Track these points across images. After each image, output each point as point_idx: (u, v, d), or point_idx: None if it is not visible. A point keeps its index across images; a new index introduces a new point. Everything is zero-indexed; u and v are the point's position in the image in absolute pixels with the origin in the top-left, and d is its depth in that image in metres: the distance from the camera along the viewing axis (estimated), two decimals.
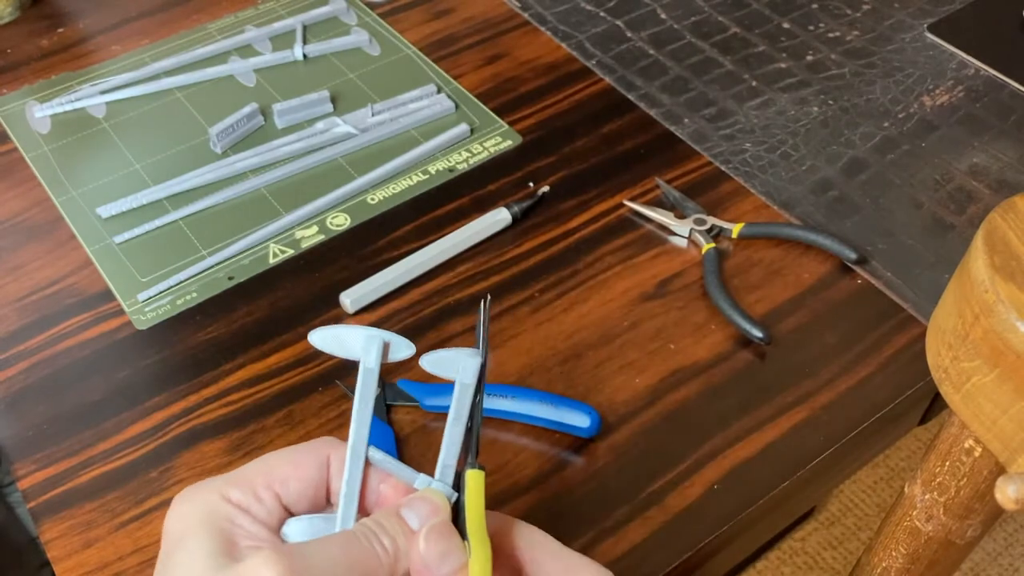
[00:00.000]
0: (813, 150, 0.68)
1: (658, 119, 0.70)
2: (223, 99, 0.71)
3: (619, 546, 0.48)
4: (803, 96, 0.72)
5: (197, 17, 0.78)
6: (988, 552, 1.33)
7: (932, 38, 0.76)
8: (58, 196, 0.64)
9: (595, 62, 0.74)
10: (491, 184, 0.65)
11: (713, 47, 0.76)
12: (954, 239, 0.62)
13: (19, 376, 0.55)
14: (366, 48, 0.75)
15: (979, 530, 0.43)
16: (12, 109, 0.70)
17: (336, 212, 0.63)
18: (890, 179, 0.66)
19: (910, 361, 0.56)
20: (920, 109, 0.71)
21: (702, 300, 0.58)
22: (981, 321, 0.34)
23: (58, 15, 0.78)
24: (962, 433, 0.40)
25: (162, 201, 0.64)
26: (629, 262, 0.60)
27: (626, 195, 0.64)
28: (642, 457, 0.51)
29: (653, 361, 0.55)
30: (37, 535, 0.49)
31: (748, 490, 0.50)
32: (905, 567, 0.47)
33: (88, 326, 0.57)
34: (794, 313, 0.58)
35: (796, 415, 0.53)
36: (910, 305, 0.58)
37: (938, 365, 0.38)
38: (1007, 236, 0.34)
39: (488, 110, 0.70)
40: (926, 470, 0.43)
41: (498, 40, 0.76)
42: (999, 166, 0.67)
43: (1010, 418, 0.34)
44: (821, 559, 1.31)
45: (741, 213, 0.63)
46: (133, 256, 0.60)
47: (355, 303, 0.57)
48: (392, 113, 0.69)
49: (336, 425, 0.52)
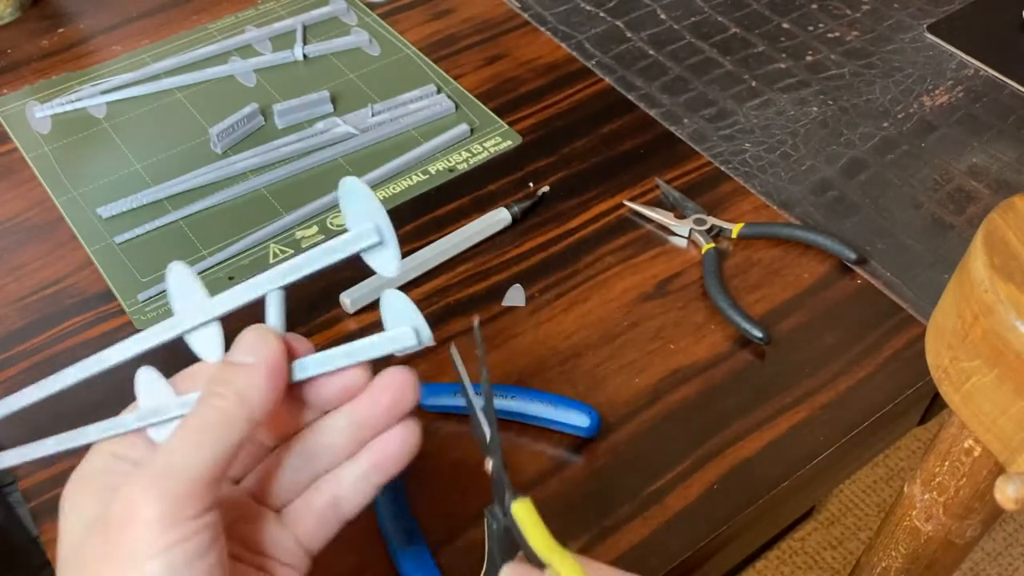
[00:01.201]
0: (813, 150, 0.68)
1: (658, 119, 0.70)
2: (223, 99, 0.71)
3: (619, 546, 0.48)
4: (803, 96, 0.72)
5: (197, 17, 0.78)
6: (988, 552, 1.33)
7: (932, 38, 0.76)
8: (58, 196, 0.64)
9: (595, 62, 0.74)
10: (491, 184, 0.65)
11: (713, 47, 0.76)
12: (953, 239, 0.62)
13: (19, 376, 0.55)
14: (366, 48, 0.75)
15: (979, 530, 0.43)
16: (12, 109, 0.70)
17: (336, 212, 0.63)
18: (890, 179, 0.66)
19: (909, 361, 0.56)
20: (920, 109, 0.71)
21: (702, 300, 0.58)
22: (980, 321, 0.34)
23: (58, 15, 0.78)
24: (961, 433, 0.40)
25: (162, 201, 0.64)
26: (629, 262, 0.61)
27: (626, 195, 0.64)
28: (642, 457, 0.51)
29: (653, 361, 0.55)
30: (37, 535, 0.49)
31: (748, 490, 0.50)
32: (905, 567, 0.47)
33: (88, 326, 0.57)
34: (793, 313, 0.58)
35: (796, 415, 0.53)
36: (909, 305, 0.58)
37: (937, 365, 0.38)
38: (1007, 236, 0.35)
39: (488, 110, 0.70)
40: (926, 470, 0.43)
41: (498, 40, 0.76)
42: (999, 166, 0.67)
43: (1009, 418, 0.35)
44: (821, 559, 1.31)
45: (741, 213, 0.63)
46: (133, 256, 0.60)
47: (355, 303, 0.57)
48: (392, 113, 0.69)
49: None
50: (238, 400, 0.33)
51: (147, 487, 0.31)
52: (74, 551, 0.32)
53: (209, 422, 0.33)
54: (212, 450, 0.32)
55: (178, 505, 0.31)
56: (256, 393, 0.33)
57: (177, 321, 0.35)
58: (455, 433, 0.52)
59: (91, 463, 0.35)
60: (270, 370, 0.34)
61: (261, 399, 0.33)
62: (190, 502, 0.31)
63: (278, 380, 0.34)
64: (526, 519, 0.33)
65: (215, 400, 0.33)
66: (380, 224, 0.34)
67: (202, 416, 0.33)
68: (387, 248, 0.34)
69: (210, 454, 0.32)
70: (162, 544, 0.30)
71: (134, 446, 0.35)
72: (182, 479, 0.31)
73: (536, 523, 0.33)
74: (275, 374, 0.34)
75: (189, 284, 0.35)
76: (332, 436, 0.36)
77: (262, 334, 0.35)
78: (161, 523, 0.30)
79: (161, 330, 0.36)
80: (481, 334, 0.35)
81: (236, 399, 0.33)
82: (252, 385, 0.33)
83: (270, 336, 0.35)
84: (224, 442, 0.32)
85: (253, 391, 0.33)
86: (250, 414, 0.33)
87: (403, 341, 0.34)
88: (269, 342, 0.34)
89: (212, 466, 0.32)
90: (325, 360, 0.35)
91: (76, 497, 0.34)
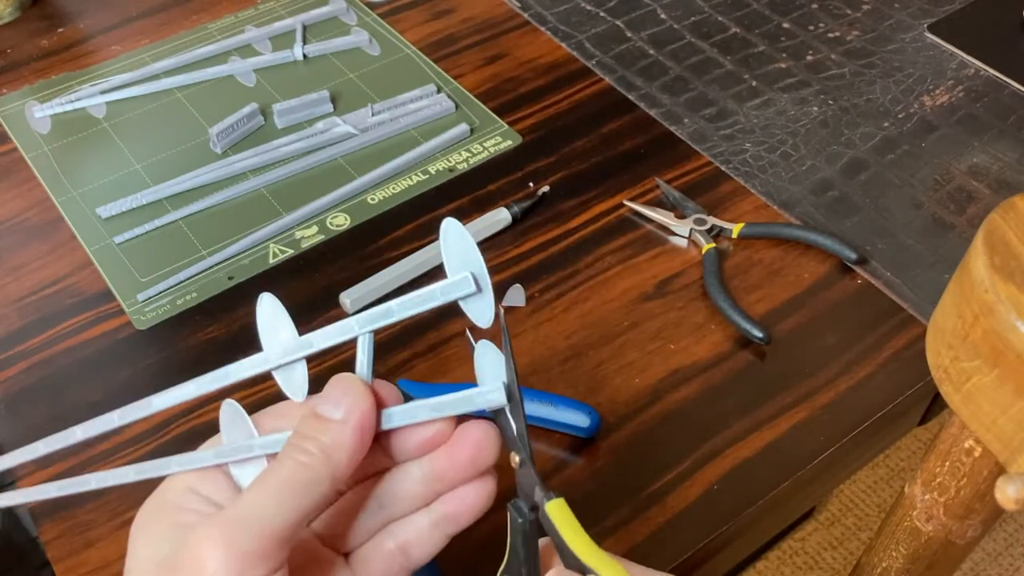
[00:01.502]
0: (813, 150, 0.68)
1: (658, 119, 0.70)
2: (223, 99, 0.71)
3: (619, 546, 0.48)
4: (803, 96, 0.72)
5: (197, 17, 0.78)
6: (988, 552, 1.33)
7: (932, 38, 0.76)
8: (58, 196, 0.64)
9: (595, 62, 0.74)
10: (491, 184, 0.65)
11: (713, 47, 0.76)
12: (954, 239, 0.62)
13: (19, 376, 0.55)
14: (366, 48, 0.75)
15: (979, 530, 0.43)
16: (12, 109, 0.70)
17: (336, 212, 0.63)
18: (890, 179, 0.66)
19: (910, 361, 0.56)
20: (920, 109, 0.71)
21: (702, 300, 0.58)
22: (981, 321, 0.34)
23: (58, 15, 0.78)
24: (962, 433, 0.40)
25: (162, 201, 0.64)
26: (629, 262, 0.60)
27: (626, 195, 0.64)
28: (642, 457, 0.51)
29: (653, 361, 0.55)
30: (37, 535, 0.49)
31: (748, 490, 0.50)
32: (905, 567, 0.47)
33: (88, 326, 0.57)
34: (794, 313, 0.58)
35: (796, 415, 0.53)
36: (910, 305, 0.58)
37: (938, 365, 0.38)
38: (1007, 236, 0.34)
39: (488, 110, 0.70)
40: (926, 470, 0.43)
41: (498, 40, 0.76)
42: (999, 166, 0.67)
43: (1010, 418, 0.34)
44: (821, 559, 1.31)
45: (741, 213, 0.63)
46: (133, 256, 0.60)
47: (355, 303, 0.57)
48: (392, 113, 0.69)
49: None
50: (324, 459, 0.31)
51: (217, 541, 0.29)
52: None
53: (291, 479, 0.31)
54: (291, 508, 0.31)
55: (247, 562, 0.29)
56: (343, 453, 0.32)
57: (264, 358, 0.34)
58: None
59: (165, 495, 0.33)
60: (359, 429, 0.32)
61: (347, 458, 0.32)
62: (261, 561, 0.30)
63: (366, 438, 0.33)
64: (563, 520, 0.32)
65: (300, 456, 0.31)
66: (478, 273, 0.33)
67: (284, 471, 0.31)
68: (483, 298, 0.34)
69: (289, 513, 0.31)
70: None
71: (214, 482, 0.33)
72: (255, 536, 0.30)
73: (573, 524, 0.32)
74: (364, 432, 0.33)
75: (279, 318, 0.34)
76: (408, 485, 0.35)
77: (353, 387, 0.33)
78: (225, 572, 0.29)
79: (249, 365, 0.35)
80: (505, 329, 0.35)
81: (322, 457, 0.31)
82: (340, 444, 0.32)
83: (361, 389, 0.33)
84: (304, 501, 0.31)
85: (340, 451, 0.32)
86: (334, 473, 0.32)
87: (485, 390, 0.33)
88: (359, 397, 0.33)
89: (288, 525, 0.31)
90: (411, 412, 0.34)
91: (149, 528, 0.32)
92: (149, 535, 0.32)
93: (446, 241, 0.34)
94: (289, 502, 0.31)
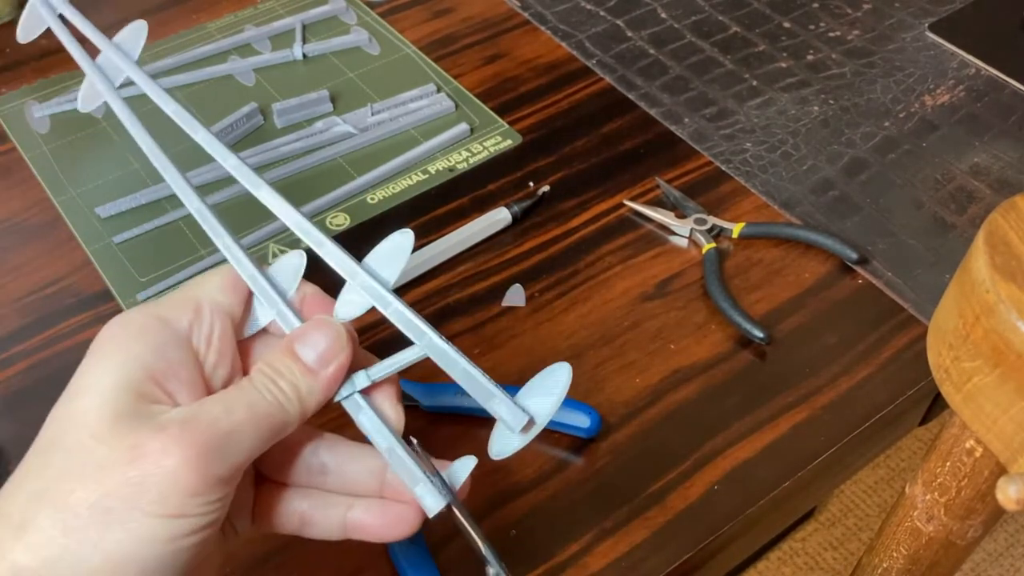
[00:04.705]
0: (813, 150, 0.68)
1: (658, 119, 0.70)
2: (222, 99, 0.71)
3: (619, 546, 0.48)
4: (803, 96, 0.71)
5: (196, 17, 0.78)
6: (989, 553, 1.33)
7: (933, 37, 0.76)
8: (57, 196, 0.64)
9: (595, 61, 0.74)
10: (491, 184, 0.65)
11: (713, 46, 0.76)
12: (955, 239, 0.62)
13: (19, 376, 0.54)
14: (366, 47, 0.75)
15: (980, 531, 0.43)
16: (11, 109, 0.70)
17: (336, 212, 0.63)
18: (891, 179, 0.66)
19: (911, 361, 0.55)
20: (921, 109, 0.71)
21: (702, 300, 0.58)
22: (982, 321, 0.34)
23: None
24: (963, 433, 0.40)
25: (161, 201, 0.63)
26: (629, 262, 0.60)
27: (626, 195, 0.64)
28: (642, 457, 0.51)
29: (653, 361, 0.55)
30: None
31: (748, 490, 0.50)
32: (906, 568, 0.47)
33: (88, 326, 0.57)
34: (794, 313, 0.58)
35: (796, 415, 0.53)
36: (910, 305, 0.58)
37: (939, 365, 0.38)
38: (1008, 236, 0.34)
39: (488, 110, 0.70)
40: (927, 470, 0.43)
41: (498, 39, 0.76)
42: (1000, 166, 0.67)
43: (1011, 418, 0.34)
44: (822, 560, 1.31)
45: (741, 213, 0.63)
46: (132, 256, 0.60)
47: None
48: (392, 113, 0.69)
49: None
50: (299, 404, 0.33)
51: (194, 462, 0.30)
52: (75, 419, 0.32)
53: (270, 415, 0.32)
54: (262, 443, 0.32)
55: (211, 484, 0.30)
56: (314, 402, 0.34)
57: (352, 270, 0.38)
58: (455, 434, 0.51)
59: (134, 317, 0.33)
60: (332, 384, 0.34)
61: (315, 407, 0.34)
62: (220, 486, 0.31)
63: (332, 391, 0.35)
64: None
65: (280, 396, 0.33)
66: (543, 418, 0.35)
67: (265, 406, 0.33)
68: (516, 438, 0.36)
69: (258, 446, 0.32)
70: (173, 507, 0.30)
71: (184, 311, 0.34)
72: (228, 464, 0.31)
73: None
74: (334, 387, 0.35)
75: (398, 259, 0.38)
76: (356, 468, 0.37)
77: (342, 346, 0.35)
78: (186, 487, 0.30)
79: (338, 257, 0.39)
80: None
81: (298, 404, 0.33)
82: (314, 393, 0.34)
83: (346, 349, 0.35)
84: (272, 439, 0.33)
85: (313, 400, 0.34)
86: (302, 419, 0.34)
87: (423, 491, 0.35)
88: (341, 354, 0.34)
89: (253, 456, 0.32)
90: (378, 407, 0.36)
91: (108, 347, 0.32)
92: (107, 354, 0.32)
93: (546, 376, 0.36)
94: (265, 436, 0.32)
